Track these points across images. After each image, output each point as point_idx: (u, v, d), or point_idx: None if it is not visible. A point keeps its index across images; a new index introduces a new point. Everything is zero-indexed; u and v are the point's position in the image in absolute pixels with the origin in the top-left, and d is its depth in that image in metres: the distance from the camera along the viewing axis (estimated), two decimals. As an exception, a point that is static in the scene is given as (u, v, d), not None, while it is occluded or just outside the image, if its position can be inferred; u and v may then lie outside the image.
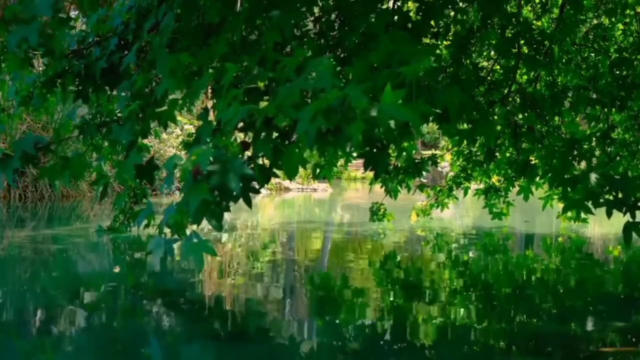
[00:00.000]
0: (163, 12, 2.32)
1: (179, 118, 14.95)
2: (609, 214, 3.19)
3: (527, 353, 3.63)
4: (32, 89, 2.67)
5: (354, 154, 4.78)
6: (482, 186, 6.28)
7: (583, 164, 3.93)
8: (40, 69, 2.83)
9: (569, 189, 3.51)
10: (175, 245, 2.15)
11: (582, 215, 3.40)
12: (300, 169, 2.33)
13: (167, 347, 3.64)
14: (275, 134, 2.17)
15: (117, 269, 6.13)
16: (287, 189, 19.08)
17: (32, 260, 6.48)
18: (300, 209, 14.74)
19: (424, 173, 4.87)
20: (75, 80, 2.62)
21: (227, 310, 4.61)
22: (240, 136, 2.34)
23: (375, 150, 3.31)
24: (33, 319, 4.22)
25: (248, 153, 2.33)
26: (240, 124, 2.03)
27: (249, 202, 2.10)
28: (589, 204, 3.22)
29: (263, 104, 2.12)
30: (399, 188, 4.88)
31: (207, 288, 5.36)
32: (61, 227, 9.42)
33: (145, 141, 2.89)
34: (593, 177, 3.14)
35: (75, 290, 5.09)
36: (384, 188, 5.10)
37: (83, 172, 2.41)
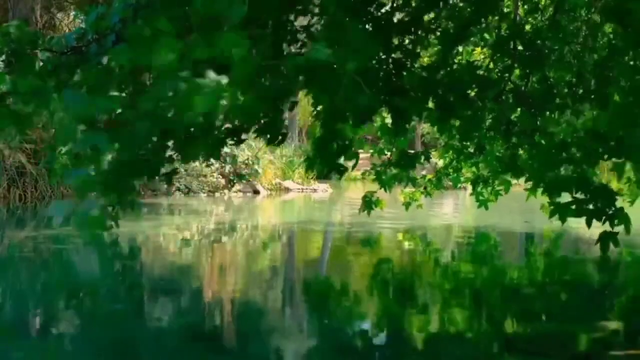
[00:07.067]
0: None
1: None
2: (588, 224, 3.26)
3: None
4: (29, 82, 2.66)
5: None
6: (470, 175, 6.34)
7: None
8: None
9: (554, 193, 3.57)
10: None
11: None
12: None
13: (163, 348, 3.65)
14: None
15: (114, 270, 6.15)
16: (287, 189, 19.08)
17: (32, 261, 6.50)
18: (300, 210, 14.74)
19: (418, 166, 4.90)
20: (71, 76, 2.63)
21: (225, 311, 4.60)
22: None
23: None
24: (31, 320, 4.24)
25: None
26: None
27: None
28: (573, 209, 3.29)
29: None
30: (394, 182, 4.91)
31: (206, 289, 5.38)
32: (61, 227, 9.43)
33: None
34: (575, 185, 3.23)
35: (73, 290, 5.10)
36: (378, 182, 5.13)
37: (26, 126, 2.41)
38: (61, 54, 2.51)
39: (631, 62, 4.00)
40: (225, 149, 12.80)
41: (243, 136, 3.48)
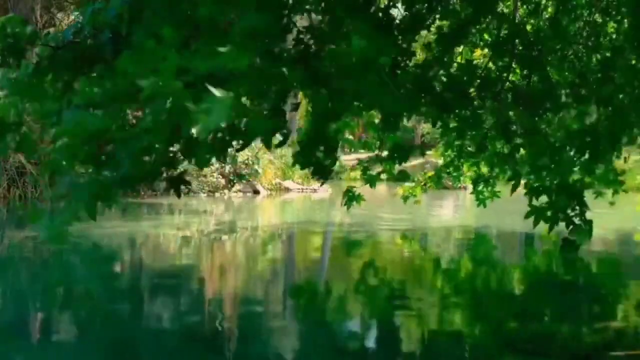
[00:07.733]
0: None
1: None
2: (550, 229, 3.27)
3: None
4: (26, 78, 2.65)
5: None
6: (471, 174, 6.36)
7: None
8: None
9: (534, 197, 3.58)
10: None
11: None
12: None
13: (163, 347, 3.64)
14: None
15: (113, 270, 6.14)
16: (287, 189, 19.05)
17: (32, 261, 6.48)
18: (300, 210, 14.72)
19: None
20: (67, 71, 2.62)
21: (225, 311, 4.59)
22: None
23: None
24: (31, 320, 4.22)
25: None
26: None
27: None
28: (549, 214, 3.29)
29: None
30: (378, 177, 4.90)
31: (206, 289, 5.36)
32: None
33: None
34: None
35: (73, 290, 5.09)
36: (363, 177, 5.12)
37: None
38: (57, 48, 2.50)
39: (633, 62, 4.00)
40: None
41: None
